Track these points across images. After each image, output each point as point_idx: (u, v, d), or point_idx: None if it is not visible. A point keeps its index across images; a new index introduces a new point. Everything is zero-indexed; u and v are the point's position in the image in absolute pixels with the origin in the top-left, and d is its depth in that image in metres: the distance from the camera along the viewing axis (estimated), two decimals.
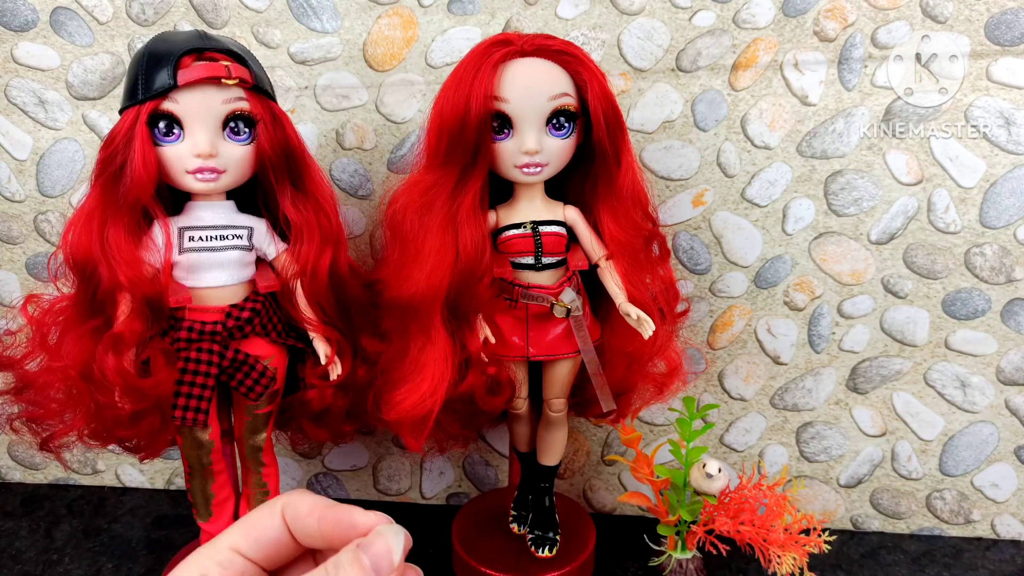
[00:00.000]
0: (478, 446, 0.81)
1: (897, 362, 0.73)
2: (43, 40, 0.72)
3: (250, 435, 0.62)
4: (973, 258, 0.69)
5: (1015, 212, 0.67)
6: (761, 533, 0.63)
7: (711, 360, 0.75)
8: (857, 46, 0.66)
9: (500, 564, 0.65)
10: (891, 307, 0.71)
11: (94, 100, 0.73)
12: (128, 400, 0.53)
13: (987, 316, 0.70)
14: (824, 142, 0.68)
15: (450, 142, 0.55)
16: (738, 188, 0.70)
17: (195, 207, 0.56)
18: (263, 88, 0.55)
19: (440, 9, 0.69)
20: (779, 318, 0.73)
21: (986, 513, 0.76)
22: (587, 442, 0.80)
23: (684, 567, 0.68)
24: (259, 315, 0.57)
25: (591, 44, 0.68)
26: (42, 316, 0.55)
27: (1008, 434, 0.73)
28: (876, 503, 0.77)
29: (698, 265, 0.73)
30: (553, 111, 0.55)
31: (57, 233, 0.77)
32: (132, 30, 0.71)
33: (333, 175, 0.74)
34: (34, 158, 0.75)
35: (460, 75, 0.55)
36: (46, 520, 0.80)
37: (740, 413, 0.77)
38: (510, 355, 0.61)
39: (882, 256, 0.70)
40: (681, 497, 0.66)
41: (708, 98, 0.68)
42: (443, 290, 0.55)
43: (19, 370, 0.56)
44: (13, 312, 0.77)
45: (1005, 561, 0.73)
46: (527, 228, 0.59)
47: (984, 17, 0.64)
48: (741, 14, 0.66)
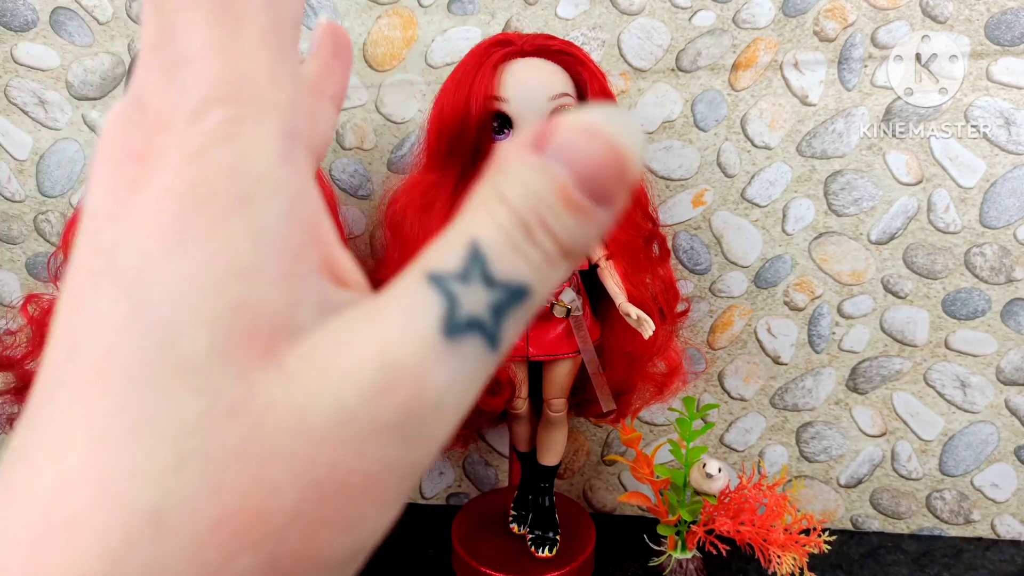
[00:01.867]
0: (478, 446, 0.81)
1: (897, 362, 0.73)
2: (43, 40, 0.72)
3: None
4: (973, 258, 0.69)
5: (1015, 212, 0.67)
6: (761, 533, 0.63)
7: (711, 360, 0.75)
8: (857, 46, 0.66)
9: (500, 564, 0.65)
10: (891, 307, 0.71)
11: (94, 100, 0.73)
12: None
13: (987, 316, 0.70)
14: (824, 142, 0.68)
15: (450, 142, 0.55)
16: (738, 188, 0.70)
17: None
18: None
19: (440, 9, 0.69)
20: (779, 318, 0.73)
21: (986, 513, 0.76)
22: (587, 442, 0.80)
23: (684, 567, 0.68)
24: None
25: (591, 44, 0.68)
26: (42, 316, 0.55)
27: (1008, 434, 0.73)
28: (876, 503, 0.77)
29: (698, 265, 0.73)
30: (553, 111, 0.55)
31: (57, 233, 0.77)
32: (132, 30, 0.71)
33: (333, 175, 0.74)
34: (34, 158, 0.75)
35: (460, 75, 0.55)
36: None
37: (740, 413, 0.77)
38: (510, 355, 0.61)
39: (882, 256, 0.70)
40: (681, 497, 0.66)
41: (708, 98, 0.68)
42: None
43: (19, 370, 0.56)
44: (13, 312, 0.77)
45: (1005, 561, 0.73)
46: None
47: (984, 17, 0.64)
48: (741, 14, 0.66)
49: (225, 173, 0.12)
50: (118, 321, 0.12)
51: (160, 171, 0.12)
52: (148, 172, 0.12)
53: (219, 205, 0.12)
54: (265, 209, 0.12)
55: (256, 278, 0.12)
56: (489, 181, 0.13)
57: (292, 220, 0.13)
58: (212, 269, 0.12)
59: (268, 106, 0.13)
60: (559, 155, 0.13)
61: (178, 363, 0.11)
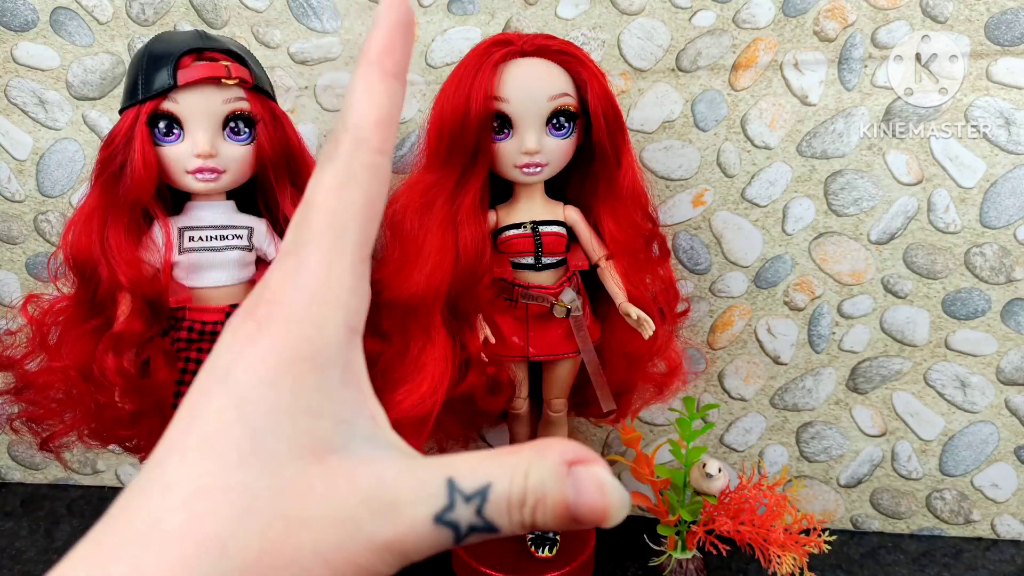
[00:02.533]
0: (478, 446, 0.81)
1: (897, 362, 0.73)
2: (43, 40, 0.72)
3: None
4: (973, 258, 0.69)
5: (1015, 212, 0.67)
6: (761, 533, 0.63)
7: (711, 360, 0.75)
8: (857, 46, 0.66)
9: (500, 564, 0.65)
10: (891, 307, 0.71)
11: (94, 100, 0.73)
12: (128, 400, 0.53)
13: (987, 316, 0.70)
14: (824, 142, 0.68)
15: (450, 142, 0.55)
16: (738, 188, 0.70)
17: (195, 207, 0.56)
18: (263, 88, 0.55)
19: (440, 9, 0.69)
20: (779, 318, 0.73)
21: (986, 513, 0.76)
22: (587, 442, 0.80)
23: (684, 567, 0.68)
24: None
25: (591, 44, 0.68)
26: (42, 316, 0.55)
27: (1008, 434, 0.73)
28: (876, 503, 0.77)
29: (698, 265, 0.73)
30: (553, 111, 0.55)
31: (57, 233, 0.77)
32: (132, 30, 0.71)
33: None
34: (34, 158, 0.75)
35: (460, 75, 0.55)
36: (46, 520, 0.80)
37: (740, 413, 0.77)
38: (510, 355, 0.61)
39: (882, 256, 0.70)
40: (681, 497, 0.66)
41: (708, 98, 0.68)
42: (443, 290, 0.55)
43: (19, 370, 0.56)
44: (13, 312, 0.77)
45: (1005, 561, 0.73)
46: (527, 228, 0.59)
47: (984, 17, 0.64)
48: (741, 14, 0.66)
49: (308, 347, 0.19)
50: (224, 416, 0.18)
51: (270, 333, 0.19)
52: (260, 330, 0.19)
53: (302, 367, 0.18)
54: (330, 375, 0.19)
55: (319, 416, 0.18)
56: (532, 450, 0.19)
57: (345, 383, 0.19)
58: (294, 405, 0.18)
59: (341, 309, 0.19)
60: (575, 482, 0.18)
61: (262, 453, 0.17)
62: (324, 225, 0.20)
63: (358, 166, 0.20)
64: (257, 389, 0.18)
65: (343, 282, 0.19)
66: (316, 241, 0.19)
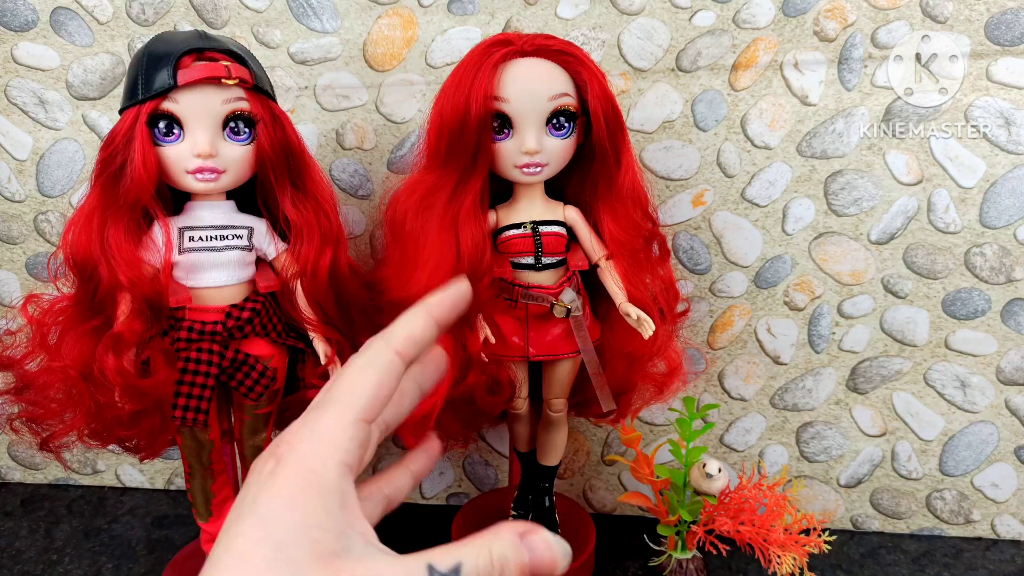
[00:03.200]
0: (478, 446, 0.81)
1: (897, 362, 0.73)
2: (43, 40, 0.72)
3: (250, 435, 0.62)
4: (973, 258, 0.69)
5: (1015, 212, 0.67)
6: (761, 533, 0.63)
7: (711, 360, 0.75)
8: (857, 46, 0.66)
9: None
10: (891, 307, 0.71)
11: (94, 100, 0.73)
12: (128, 400, 0.53)
13: (987, 316, 0.70)
14: (824, 142, 0.68)
15: (450, 142, 0.55)
16: (738, 188, 0.70)
17: (195, 207, 0.56)
18: (263, 88, 0.55)
19: (440, 9, 0.69)
20: (779, 318, 0.73)
21: (986, 513, 0.76)
22: (587, 442, 0.80)
23: (684, 567, 0.68)
24: (259, 315, 0.57)
25: (591, 44, 0.68)
26: (42, 316, 0.55)
27: (1008, 434, 0.73)
28: (876, 503, 0.77)
29: (698, 265, 0.73)
30: (553, 111, 0.55)
31: (57, 233, 0.77)
32: (132, 30, 0.71)
33: (333, 175, 0.74)
34: (34, 158, 0.75)
35: (460, 75, 0.55)
36: (46, 520, 0.80)
37: (740, 413, 0.77)
38: (510, 355, 0.61)
39: (882, 256, 0.70)
40: (681, 497, 0.66)
41: (708, 98, 0.68)
42: None
43: (19, 370, 0.56)
44: (13, 312, 0.77)
45: (1005, 561, 0.73)
46: (527, 228, 0.59)
47: (984, 17, 0.64)
48: (741, 14, 0.66)
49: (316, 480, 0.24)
50: (254, 536, 0.23)
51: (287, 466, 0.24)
52: (279, 466, 0.24)
53: (310, 494, 0.24)
54: (331, 499, 0.24)
55: (326, 530, 0.23)
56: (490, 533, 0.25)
57: (342, 506, 0.24)
58: (306, 522, 0.23)
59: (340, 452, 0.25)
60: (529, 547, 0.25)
61: (284, 559, 0.22)
62: (341, 392, 0.26)
63: (379, 359, 0.27)
64: (278, 511, 0.23)
65: (346, 434, 0.25)
66: (333, 401, 0.26)
